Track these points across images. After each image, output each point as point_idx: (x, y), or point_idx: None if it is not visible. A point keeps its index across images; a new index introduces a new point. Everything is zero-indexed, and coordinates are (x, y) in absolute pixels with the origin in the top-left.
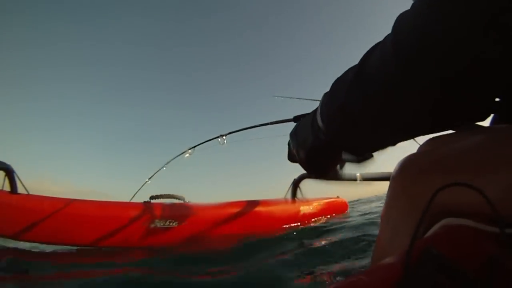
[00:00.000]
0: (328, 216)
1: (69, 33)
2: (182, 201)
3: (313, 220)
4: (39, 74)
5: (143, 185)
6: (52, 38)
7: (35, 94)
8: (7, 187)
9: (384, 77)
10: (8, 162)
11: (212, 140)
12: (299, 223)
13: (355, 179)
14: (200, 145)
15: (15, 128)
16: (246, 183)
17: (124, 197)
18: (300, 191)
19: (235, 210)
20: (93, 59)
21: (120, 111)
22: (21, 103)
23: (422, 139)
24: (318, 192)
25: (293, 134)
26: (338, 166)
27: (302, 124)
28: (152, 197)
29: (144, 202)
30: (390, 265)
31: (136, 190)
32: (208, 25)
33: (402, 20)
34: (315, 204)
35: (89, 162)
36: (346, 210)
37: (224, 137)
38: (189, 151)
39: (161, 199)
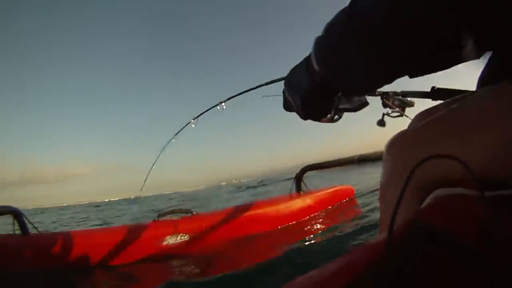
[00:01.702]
0: (335, 205)
1: None
2: (190, 214)
3: (319, 211)
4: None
5: (156, 158)
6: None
7: None
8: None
9: (374, 15)
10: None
11: (213, 108)
12: (307, 216)
13: (353, 161)
14: (203, 114)
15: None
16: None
17: (146, 164)
18: (304, 184)
19: (242, 214)
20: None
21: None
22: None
23: (412, 114)
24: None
25: (287, 82)
26: (333, 114)
27: (296, 70)
28: (160, 215)
29: (153, 221)
30: (374, 244)
31: (151, 166)
32: None
33: None
34: (320, 194)
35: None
36: (352, 195)
37: (223, 104)
38: (193, 121)
39: (169, 215)
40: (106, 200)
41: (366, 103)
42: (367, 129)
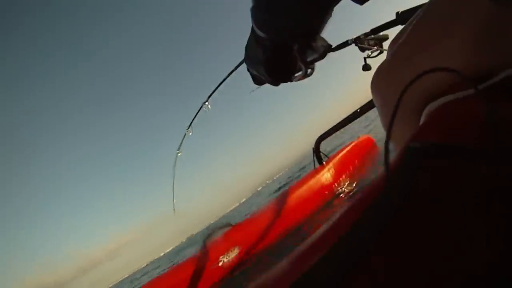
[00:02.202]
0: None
1: None
2: (229, 227)
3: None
4: None
5: (173, 178)
6: None
7: None
8: None
9: None
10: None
11: (200, 111)
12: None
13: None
14: (194, 121)
15: None
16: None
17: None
18: (323, 153)
19: (279, 206)
20: None
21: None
22: None
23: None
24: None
25: (246, 59)
26: (304, 69)
27: (249, 46)
28: (205, 241)
29: (200, 249)
30: (374, 181)
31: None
32: None
33: None
34: (342, 156)
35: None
36: (372, 143)
37: (207, 103)
38: (188, 130)
39: (212, 236)
40: (162, 254)
41: (329, 46)
42: (362, 81)
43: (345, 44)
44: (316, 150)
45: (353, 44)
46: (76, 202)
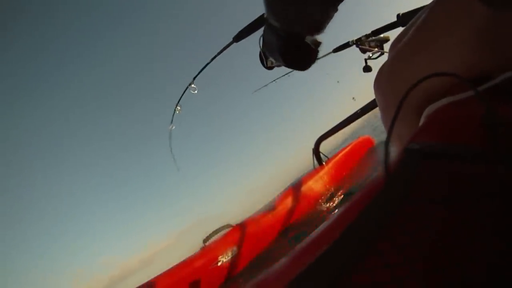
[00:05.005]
0: (361, 159)
1: None
2: (230, 228)
3: (349, 171)
4: None
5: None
6: None
7: None
8: None
9: None
10: None
11: (186, 92)
12: (339, 183)
13: (358, 115)
14: (180, 102)
15: None
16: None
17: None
18: (323, 154)
19: (279, 206)
20: None
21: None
22: None
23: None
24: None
25: (262, 47)
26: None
27: (265, 36)
28: (204, 241)
29: (200, 249)
30: (375, 181)
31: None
32: None
33: None
34: (341, 157)
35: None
36: (372, 143)
37: (192, 85)
38: (178, 107)
39: (212, 237)
40: None
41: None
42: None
43: (346, 46)
44: (316, 150)
45: (354, 46)
46: (114, 210)
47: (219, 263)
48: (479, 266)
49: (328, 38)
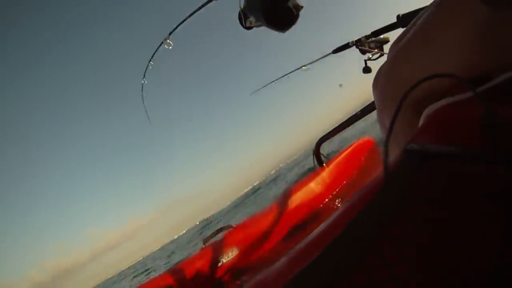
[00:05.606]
0: (362, 160)
1: None
2: (230, 229)
3: (351, 172)
4: None
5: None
6: None
7: None
8: None
9: None
10: None
11: (160, 47)
12: (340, 184)
13: (358, 117)
14: (154, 56)
15: None
16: None
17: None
18: (323, 155)
19: (279, 206)
20: None
21: None
22: None
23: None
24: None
25: (244, 6)
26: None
27: None
28: (205, 241)
29: (200, 249)
30: (374, 182)
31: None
32: None
33: None
34: (342, 159)
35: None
36: (373, 144)
37: (168, 40)
38: (151, 63)
39: (213, 238)
40: (176, 237)
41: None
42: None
43: (346, 46)
44: (317, 152)
45: (354, 47)
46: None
47: (220, 264)
48: (478, 266)
49: (328, 38)
